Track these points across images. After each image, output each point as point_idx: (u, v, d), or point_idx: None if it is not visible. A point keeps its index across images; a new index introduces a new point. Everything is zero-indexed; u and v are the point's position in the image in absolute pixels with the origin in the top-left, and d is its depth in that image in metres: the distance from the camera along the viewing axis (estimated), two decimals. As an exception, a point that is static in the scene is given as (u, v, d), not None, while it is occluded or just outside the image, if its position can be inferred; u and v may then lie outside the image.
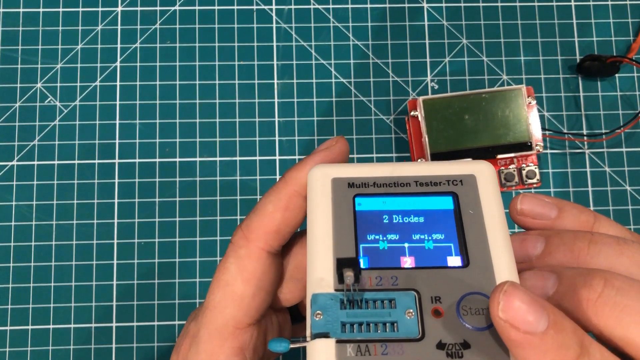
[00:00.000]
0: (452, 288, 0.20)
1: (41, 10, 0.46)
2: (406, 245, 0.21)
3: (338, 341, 0.19)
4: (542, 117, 0.45)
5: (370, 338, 0.19)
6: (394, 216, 0.21)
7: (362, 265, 0.20)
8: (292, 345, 0.20)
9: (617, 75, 0.46)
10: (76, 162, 0.44)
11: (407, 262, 0.20)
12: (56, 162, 0.44)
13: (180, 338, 0.25)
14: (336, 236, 0.21)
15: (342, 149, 0.23)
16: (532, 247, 0.21)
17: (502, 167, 0.43)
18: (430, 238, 0.21)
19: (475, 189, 0.22)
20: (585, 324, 0.17)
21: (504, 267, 0.20)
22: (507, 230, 0.21)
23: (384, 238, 0.21)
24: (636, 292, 0.17)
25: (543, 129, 0.44)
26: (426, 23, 0.47)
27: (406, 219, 0.21)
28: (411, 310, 0.19)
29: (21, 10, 0.46)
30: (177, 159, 0.44)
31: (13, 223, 0.43)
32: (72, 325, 0.42)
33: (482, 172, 0.22)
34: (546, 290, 0.18)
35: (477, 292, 0.19)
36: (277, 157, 0.45)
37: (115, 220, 0.43)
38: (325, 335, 0.19)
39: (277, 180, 0.23)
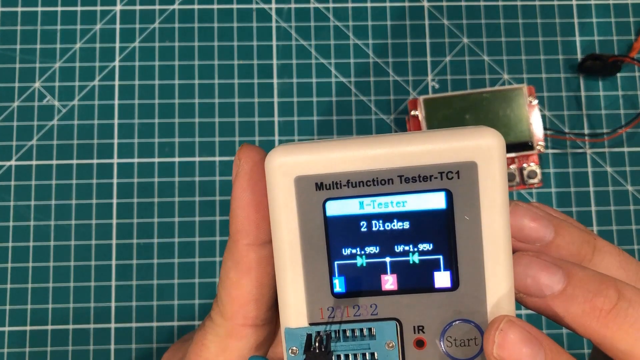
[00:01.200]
0: (437, 315, 0.18)
1: (39, 9, 0.46)
2: (388, 260, 0.18)
3: None
4: (543, 117, 0.45)
5: None
6: (373, 222, 0.18)
7: (336, 290, 0.18)
8: None
9: (618, 74, 0.46)
10: (74, 162, 0.44)
11: (389, 281, 0.18)
12: (54, 162, 0.44)
13: None
14: (305, 256, 0.18)
15: (252, 165, 0.18)
16: (541, 234, 0.18)
17: (503, 167, 0.43)
18: (415, 250, 0.18)
19: (474, 183, 0.18)
20: (590, 332, 0.17)
21: (498, 292, 0.18)
22: (509, 243, 0.18)
23: (362, 252, 0.18)
24: None
25: (544, 128, 0.44)
26: (427, 22, 0.46)
27: (388, 226, 0.18)
28: (392, 342, 0.18)
29: (19, 9, 0.46)
30: (176, 159, 0.44)
31: (11, 223, 0.43)
32: (70, 326, 0.42)
33: (486, 157, 0.17)
34: (551, 288, 0.17)
35: (465, 320, 0.18)
36: (277, 157, 0.44)
37: (114, 221, 0.43)
38: None
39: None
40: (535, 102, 0.43)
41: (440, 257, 0.18)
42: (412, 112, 0.43)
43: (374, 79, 0.46)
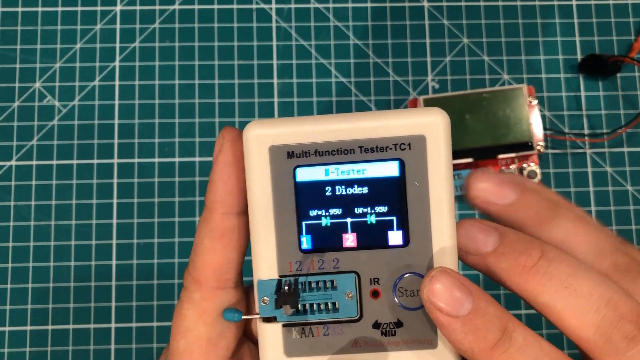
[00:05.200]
0: (390, 269, 0.20)
1: (40, 9, 0.46)
2: (349, 220, 0.20)
3: (284, 325, 0.20)
4: (543, 117, 0.45)
5: (312, 320, 0.20)
6: (336, 187, 0.20)
7: (304, 246, 0.21)
8: (244, 317, 0.21)
9: (618, 74, 0.46)
10: (75, 162, 0.44)
11: (349, 239, 0.21)
12: (55, 162, 0.44)
13: None
14: (277, 217, 0.20)
15: (233, 143, 0.20)
16: (504, 196, 0.20)
17: (503, 167, 0.43)
18: (372, 212, 0.20)
19: (423, 154, 0.20)
20: (516, 287, 0.18)
21: (442, 248, 0.20)
22: (452, 206, 0.20)
23: (327, 213, 0.20)
24: (566, 266, 0.18)
25: (544, 128, 0.44)
26: (427, 22, 0.46)
27: (349, 190, 0.20)
28: (351, 292, 0.20)
29: (20, 9, 0.46)
30: (176, 159, 0.44)
31: (11, 223, 0.43)
32: (70, 326, 0.42)
33: (433, 131, 0.20)
34: (486, 246, 0.19)
35: (414, 273, 0.20)
36: (277, 157, 0.44)
37: (114, 221, 0.43)
38: (272, 319, 0.20)
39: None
40: (535, 102, 0.43)
41: (394, 218, 0.20)
42: (412, 112, 0.43)
43: (374, 79, 0.46)
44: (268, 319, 0.20)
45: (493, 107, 0.42)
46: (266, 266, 0.20)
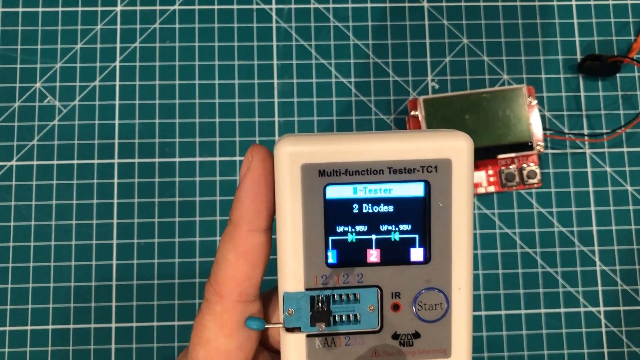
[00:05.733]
0: (411, 284, 0.22)
1: (40, 9, 0.46)
2: (373, 237, 0.22)
3: (308, 335, 0.21)
4: (542, 117, 0.45)
5: (335, 331, 0.21)
6: (363, 205, 0.21)
7: (330, 261, 0.21)
8: (267, 325, 0.22)
9: (618, 75, 0.46)
10: (75, 162, 0.44)
11: (373, 255, 0.22)
12: (55, 162, 0.44)
13: None
14: (306, 232, 0.21)
15: (262, 162, 0.21)
16: None
17: (503, 167, 0.43)
18: (396, 229, 0.22)
19: (448, 177, 0.21)
20: None
21: (461, 266, 0.21)
22: (471, 226, 0.22)
23: (353, 230, 0.21)
24: None
25: (544, 128, 0.44)
26: (426, 22, 0.47)
27: (375, 209, 0.21)
28: (373, 305, 0.22)
29: (20, 9, 0.46)
30: (177, 159, 0.44)
31: (12, 223, 0.43)
32: (71, 326, 0.42)
33: (459, 155, 0.21)
34: None
35: (433, 288, 0.22)
36: (277, 157, 0.44)
37: (115, 221, 0.43)
38: (296, 330, 0.21)
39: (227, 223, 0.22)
40: (535, 102, 0.43)
41: (417, 236, 0.22)
42: (412, 113, 0.43)
43: (374, 79, 0.46)
44: (291, 329, 0.21)
45: (493, 107, 0.42)
46: (293, 279, 0.21)
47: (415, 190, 0.21)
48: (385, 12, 0.47)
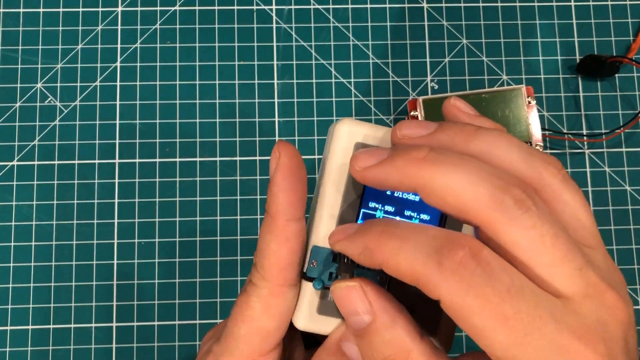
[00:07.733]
0: None
1: (41, 10, 0.46)
2: (397, 218, 0.23)
3: (324, 287, 0.23)
4: (542, 117, 0.45)
5: None
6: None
7: None
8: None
9: (617, 75, 0.46)
10: (76, 162, 0.44)
11: None
12: (56, 162, 0.44)
13: (200, 356, 0.26)
14: (345, 199, 0.23)
15: (289, 158, 0.23)
16: (424, 128, 0.22)
17: (502, 167, 0.43)
18: (418, 217, 0.23)
19: None
20: (410, 179, 0.20)
21: None
22: None
23: (382, 208, 0.23)
24: (455, 157, 0.20)
25: (543, 129, 0.44)
26: (426, 23, 0.47)
27: (405, 195, 0.23)
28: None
29: (21, 10, 0.46)
30: (177, 159, 0.44)
31: (13, 223, 0.43)
32: (72, 325, 0.42)
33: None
34: (383, 154, 0.21)
35: None
36: (277, 157, 0.45)
37: (116, 220, 0.43)
38: (316, 279, 0.23)
39: (264, 216, 0.23)
40: (534, 102, 0.43)
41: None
42: (412, 113, 0.43)
43: (374, 79, 0.46)
44: (310, 279, 0.23)
45: (492, 107, 0.42)
46: (324, 236, 0.23)
47: None
48: (385, 13, 0.47)
